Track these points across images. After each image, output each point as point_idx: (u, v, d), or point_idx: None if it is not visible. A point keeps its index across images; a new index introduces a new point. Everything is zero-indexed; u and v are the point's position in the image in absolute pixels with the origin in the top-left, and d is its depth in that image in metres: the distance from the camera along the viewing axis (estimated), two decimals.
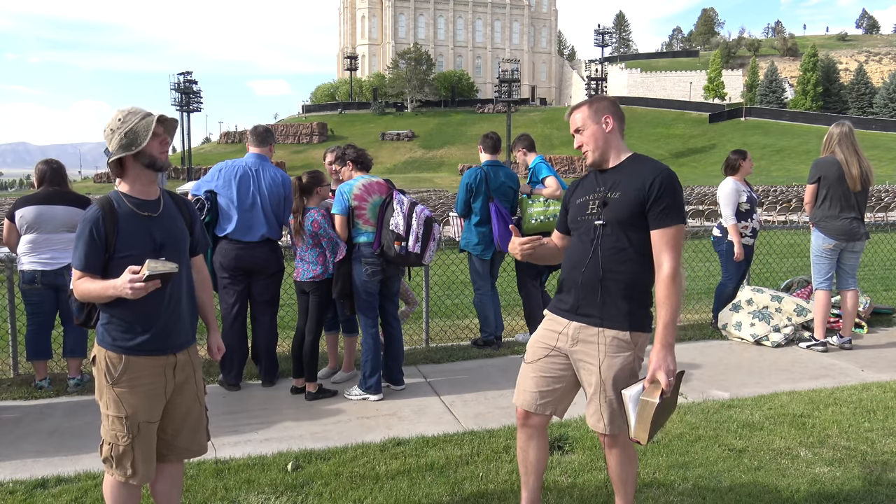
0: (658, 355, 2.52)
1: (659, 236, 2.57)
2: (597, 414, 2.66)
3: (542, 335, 2.79)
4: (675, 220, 2.56)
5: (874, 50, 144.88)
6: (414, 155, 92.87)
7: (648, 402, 2.48)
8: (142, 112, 2.52)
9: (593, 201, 2.69)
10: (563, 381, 2.75)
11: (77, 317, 2.66)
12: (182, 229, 2.66)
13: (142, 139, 2.46)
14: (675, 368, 2.54)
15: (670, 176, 2.60)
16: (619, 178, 2.66)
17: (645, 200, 2.57)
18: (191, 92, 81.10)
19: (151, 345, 2.54)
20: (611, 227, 2.62)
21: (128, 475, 2.55)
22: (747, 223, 6.40)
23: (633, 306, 2.61)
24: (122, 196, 2.54)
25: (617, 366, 2.60)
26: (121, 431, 2.52)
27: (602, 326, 2.62)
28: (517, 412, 2.85)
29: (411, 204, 4.76)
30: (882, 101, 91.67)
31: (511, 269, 6.58)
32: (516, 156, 6.51)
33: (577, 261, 2.68)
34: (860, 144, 5.83)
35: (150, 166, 2.53)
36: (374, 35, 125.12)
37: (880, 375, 5.25)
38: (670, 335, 2.53)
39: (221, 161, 5.23)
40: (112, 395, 2.52)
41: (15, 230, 5.04)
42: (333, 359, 5.51)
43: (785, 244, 9.78)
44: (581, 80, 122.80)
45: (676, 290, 2.54)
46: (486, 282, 6.14)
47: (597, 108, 2.71)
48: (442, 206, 21.42)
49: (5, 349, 5.67)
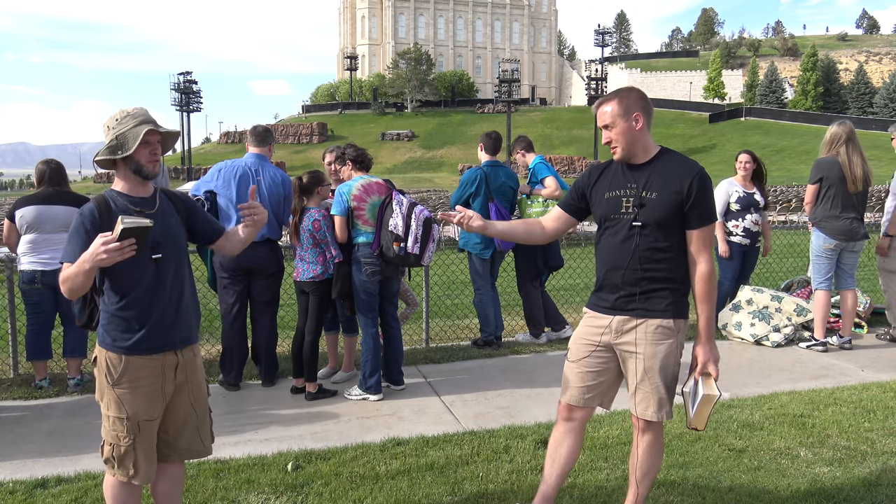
0: (704, 348, 2.70)
1: (696, 236, 2.67)
2: (645, 401, 2.72)
3: (585, 332, 2.83)
4: (711, 219, 2.69)
5: (874, 50, 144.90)
6: (414, 155, 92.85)
7: (711, 395, 2.67)
8: (140, 117, 2.50)
9: (627, 199, 2.70)
10: (607, 374, 2.82)
11: (79, 318, 2.66)
12: (177, 227, 2.65)
13: (129, 146, 2.46)
14: (719, 358, 2.74)
15: (705, 176, 2.67)
16: (652, 176, 2.68)
17: (683, 203, 2.63)
18: (191, 92, 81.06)
19: (150, 342, 2.53)
20: (649, 229, 2.66)
21: (130, 475, 2.54)
22: (738, 222, 6.42)
23: (674, 296, 2.70)
24: (117, 194, 2.55)
25: (662, 353, 2.68)
26: (122, 432, 2.51)
27: (646, 317, 2.69)
28: (560, 406, 2.89)
29: (410, 204, 4.76)
30: (882, 101, 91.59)
31: (511, 269, 6.59)
32: (515, 157, 6.52)
33: (617, 262, 2.72)
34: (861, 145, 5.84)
35: (137, 173, 2.52)
36: (374, 35, 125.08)
37: (880, 375, 5.25)
38: (712, 329, 2.71)
39: (221, 161, 5.23)
40: (113, 395, 2.52)
41: (15, 230, 5.04)
42: (333, 359, 5.51)
43: (785, 244, 9.78)
44: (581, 80, 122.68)
45: (714, 287, 2.70)
46: (486, 282, 6.14)
47: (627, 106, 2.68)
48: (442, 207, 21.42)
49: (5, 349, 5.67)
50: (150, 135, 2.48)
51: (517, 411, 4.54)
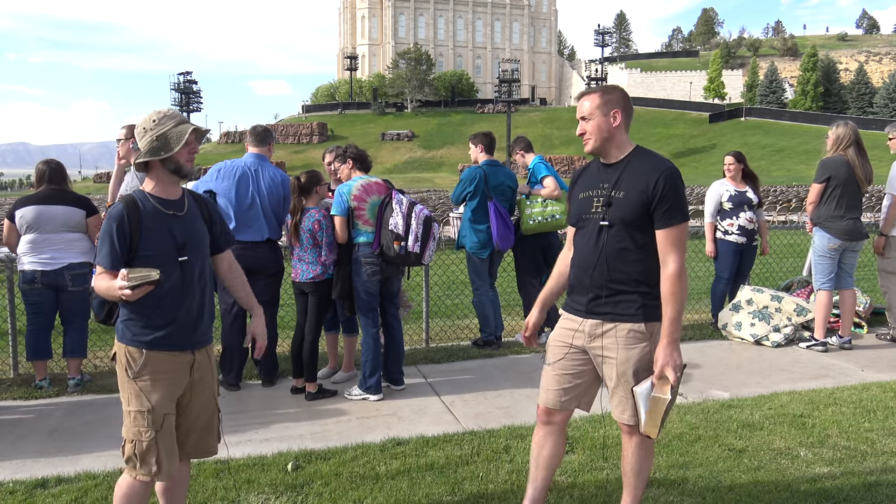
0: (665, 351, 2.58)
1: (664, 236, 2.60)
2: (621, 405, 2.70)
3: (560, 334, 2.81)
4: (679, 219, 2.59)
5: (874, 50, 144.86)
6: (414, 155, 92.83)
7: (660, 398, 2.55)
8: (178, 117, 2.55)
9: (597, 199, 2.68)
10: (583, 376, 2.79)
11: (97, 314, 2.67)
12: (202, 229, 2.68)
13: (173, 145, 2.50)
14: (681, 364, 2.59)
15: (673, 174, 2.60)
16: (622, 175, 2.65)
17: (650, 201, 2.57)
18: (191, 92, 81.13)
19: (171, 340, 2.56)
20: (616, 228, 2.62)
21: (153, 472, 2.53)
22: (732, 221, 6.46)
23: (645, 298, 2.64)
24: (147, 195, 2.57)
25: (635, 357, 2.64)
26: (143, 426, 2.51)
27: (617, 321, 2.65)
28: (538, 410, 2.87)
29: (410, 204, 4.76)
30: (882, 101, 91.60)
31: (511, 269, 6.58)
32: (515, 157, 6.52)
33: (586, 263, 2.70)
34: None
35: (176, 172, 2.56)
36: (374, 35, 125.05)
37: (880, 375, 5.25)
38: (676, 331, 2.59)
39: (221, 161, 5.23)
40: (134, 388, 2.53)
41: (15, 230, 5.04)
42: (333, 359, 5.51)
43: (785, 244, 9.77)
44: (581, 80, 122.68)
45: (682, 287, 2.59)
46: (485, 282, 6.14)
47: (607, 101, 2.68)
48: (442, 206, 21.41)
49: (5, 349, 5.67)
50: (191, 135, 2.53)
51: (517, 411, 4.54)
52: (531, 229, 6.06)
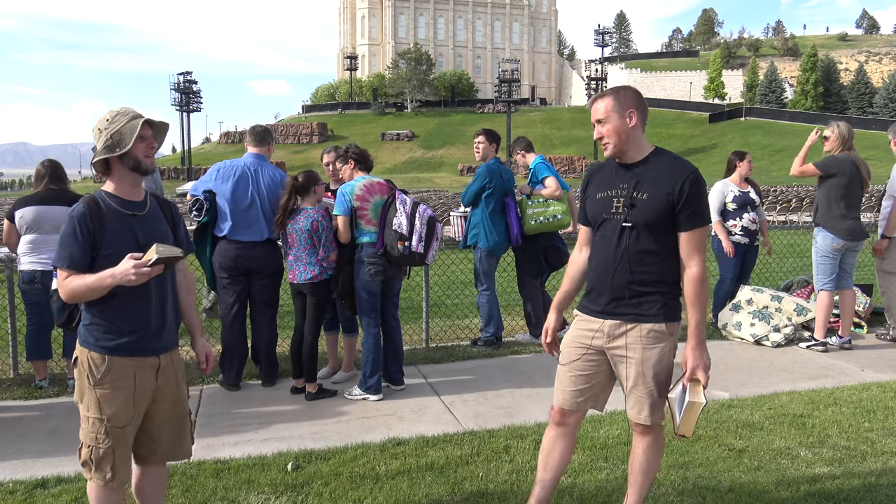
0: (694, 353, 2.63)
1: (687, 239, 2.61)
2: (637, 405, 2.70)
3: (577, 335, 2.80)
4: (702, 222, 2.62)
5: (874, 50, 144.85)
6: (414, 155, 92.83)
7: (697, 402, 2.60)
8: (131, 113, 2.51)
9: (618, 199, 2.66)
10: (598, 377, 2.78)
11: (57, 318, 2.64)
12: (165, 231, 2.65)
13: (126, 141, 2.46)
14: (710, 364, 2.65)
15: (698, 178, 2.61)
16: (643, 176, 2.63)
17: (674, 204, 2.58)
18: (191, 92, 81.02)
19: (135, 345, 2.51)
20: (638, 230, 2.62)
21: (107, 478, 2.51)
22: (735, 222, 6.46)
23: (665, 299, 2.66)
24: (107, 195, 2.54)
25: (654, 357, 2.65)
26: (101, 434, 2.48)
27: (639, 322, 2.65)
28: (552, 411, 2.86)
29: (414, 204, 4.77)
30: (882, 101, 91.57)
31: (511, 269, 6.59)
32: (516, 157, 6.53)
33: (606, 264, 2.69)
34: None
35: (135, 169, 2.52)
36: (374, 35, 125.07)
37: (880, 375, 5.25)
38: (702, 333, 2.65)
39: (220, 161, 5.23)
40: (94, 396, 2.49)
41: (15, 230, 5.04)
42: (333, 359, 5.51)
43: (785, 244, 9.78)
44: (581, 80, 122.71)
45: (705, 289, 2.63)
46: (493, 281, 6.15)
47: (622, 102, 2.65)
48: (442, 206, 21.37)
49: (5, 349, 5.67)
50: (144, 128, 2.49)
51: (517, 411, 4.54)
52: (533, 229, 6.07)
